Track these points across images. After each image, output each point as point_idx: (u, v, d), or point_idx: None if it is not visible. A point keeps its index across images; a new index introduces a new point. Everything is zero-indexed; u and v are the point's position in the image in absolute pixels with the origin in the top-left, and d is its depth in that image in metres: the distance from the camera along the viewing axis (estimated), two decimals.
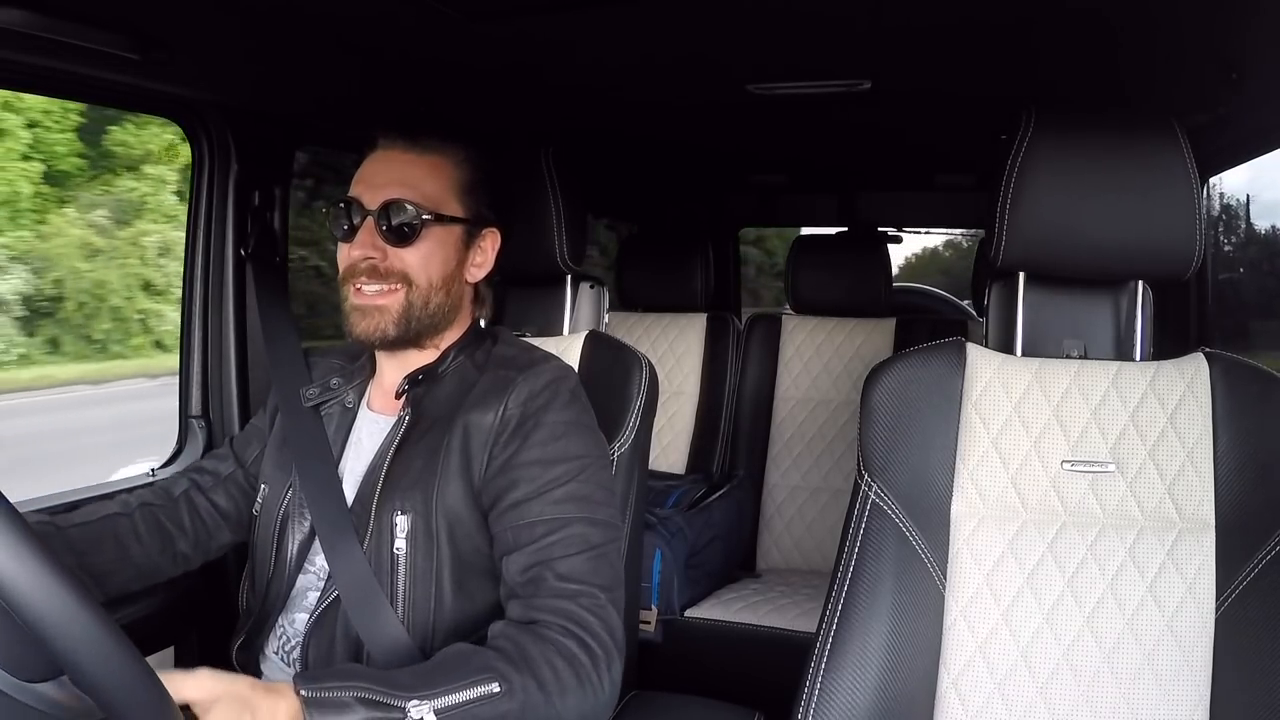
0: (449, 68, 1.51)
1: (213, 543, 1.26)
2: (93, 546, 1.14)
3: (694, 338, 2.61)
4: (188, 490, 1.26)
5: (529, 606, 1.03)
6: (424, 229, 1.13)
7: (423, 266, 1.14)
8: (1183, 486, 1.07)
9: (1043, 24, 1.24)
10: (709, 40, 1.36)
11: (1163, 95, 1.57)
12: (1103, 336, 1.19)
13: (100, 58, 1.23)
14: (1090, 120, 1.13)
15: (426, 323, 1.16)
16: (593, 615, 1.02)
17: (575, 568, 1.04)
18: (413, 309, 1.14)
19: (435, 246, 1.14)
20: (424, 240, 1.13)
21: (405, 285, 1.13)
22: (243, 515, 1.27)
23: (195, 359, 1.67)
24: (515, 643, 0.98)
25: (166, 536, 1.22)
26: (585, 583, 1.03)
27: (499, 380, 1.13)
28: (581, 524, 1.06)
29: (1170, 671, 1.05)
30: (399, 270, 1.13)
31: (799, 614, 1.98)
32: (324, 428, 1.20)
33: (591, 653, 1.00)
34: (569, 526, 1.06)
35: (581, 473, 1.09)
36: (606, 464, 1.15)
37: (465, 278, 1.19)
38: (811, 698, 1.05)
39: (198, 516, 1.25)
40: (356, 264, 1.13)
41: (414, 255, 1.13)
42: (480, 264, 1.20)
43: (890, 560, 1.08)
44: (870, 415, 1.12)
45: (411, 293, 1.13)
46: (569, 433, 1.10)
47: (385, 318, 1.13)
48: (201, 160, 1.64)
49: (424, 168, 1.15)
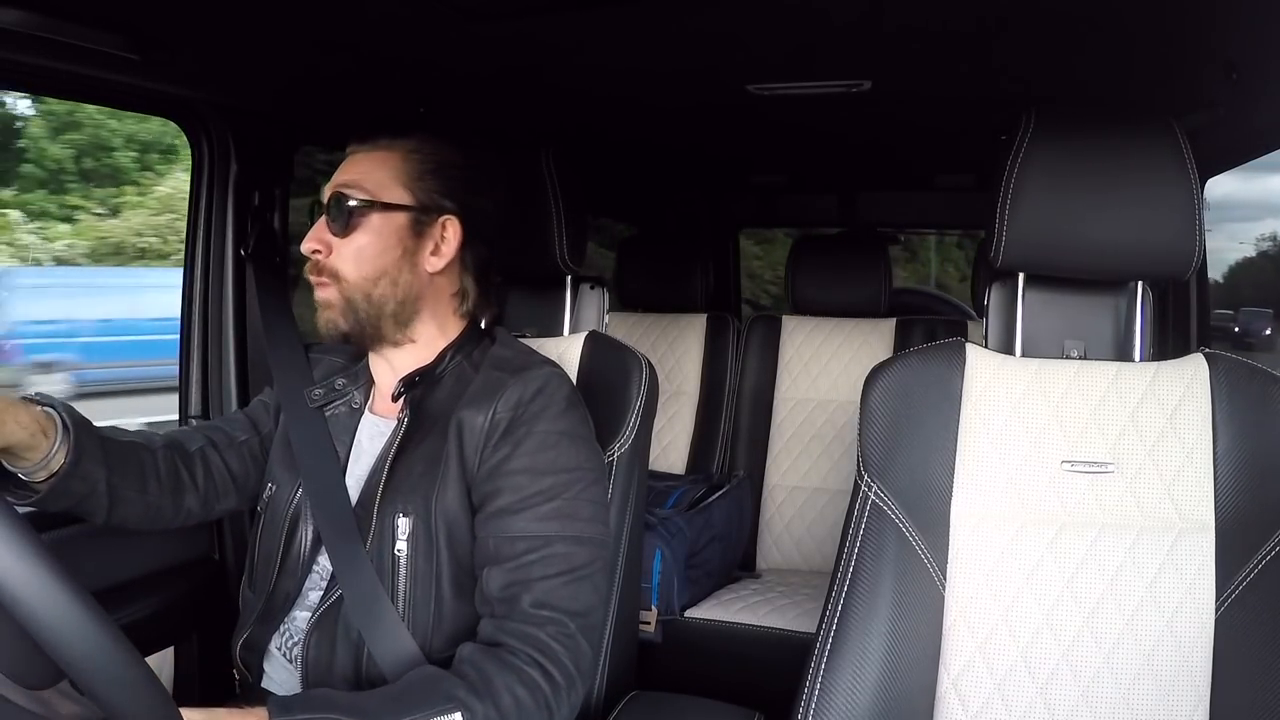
0: (448, 68, 1.51)
1: (218, 504, 1.26)
2: (118, 466, 1.14)
3: (694, 338, 2.61)
4: (203, 447, 1.26)
5: (499, 629, 1.04)
6: (358, 216, 1.13)
7: (354, 260, 1.14)
8: (1182, 487, 1.07)
9: (1043, 25, 1.24)
10: (709, 40, 1.36)
11: (1162, 95, 1.57)
12: (1102, 337, 1.19)
13: (100, 58, 1.23)
14: (1090, 121, 1.13)
15: (375, 314, 1.15)
16: (560, 645, 1.03)
17: (551, 592, 1.05)
18: (353, 303, 1.14)
19: (370, 237, 1.14)
20: (361, 230, 1.14)
21: (335, 280, 1.14)
22: (249, 483, 1.27)
23: (195, 359, 1.67)
24: (480, 670, 1.00)
25: (179, 485, 1.22)
26: (558, 609, 1.05)
27: (490, 382, 1.13)
28: (565, 543, 1.07)
29: (1170, 672, 1.05)
30: (331, 267, 1.14)
31: (799, 614, 1.98)
32: (328, 429, 1.20)
33: (553, 681, 1.02)
34: (551, 546, 1.06)
35: (570, 488, 1.09)
36: (599, 477, 1.14)
37: (423, 267, 1.17)
38: (811, 698, 1.05)
39: (210, 474, 1.25)
40: (311, 261, 1.15)
41: (348, 249, 1.14)
42: (439, 254, 1.18)
43: (890, 560, 1.08)
44: (870, 416, 1.12)
45: (345, 287, 1.14)
46: (560, 443, 1.10)
47: (331, 312, 1.15)
48: (201, 160, 1.64)
49: (371, 161, 1.17)
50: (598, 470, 1.14)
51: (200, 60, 1.37)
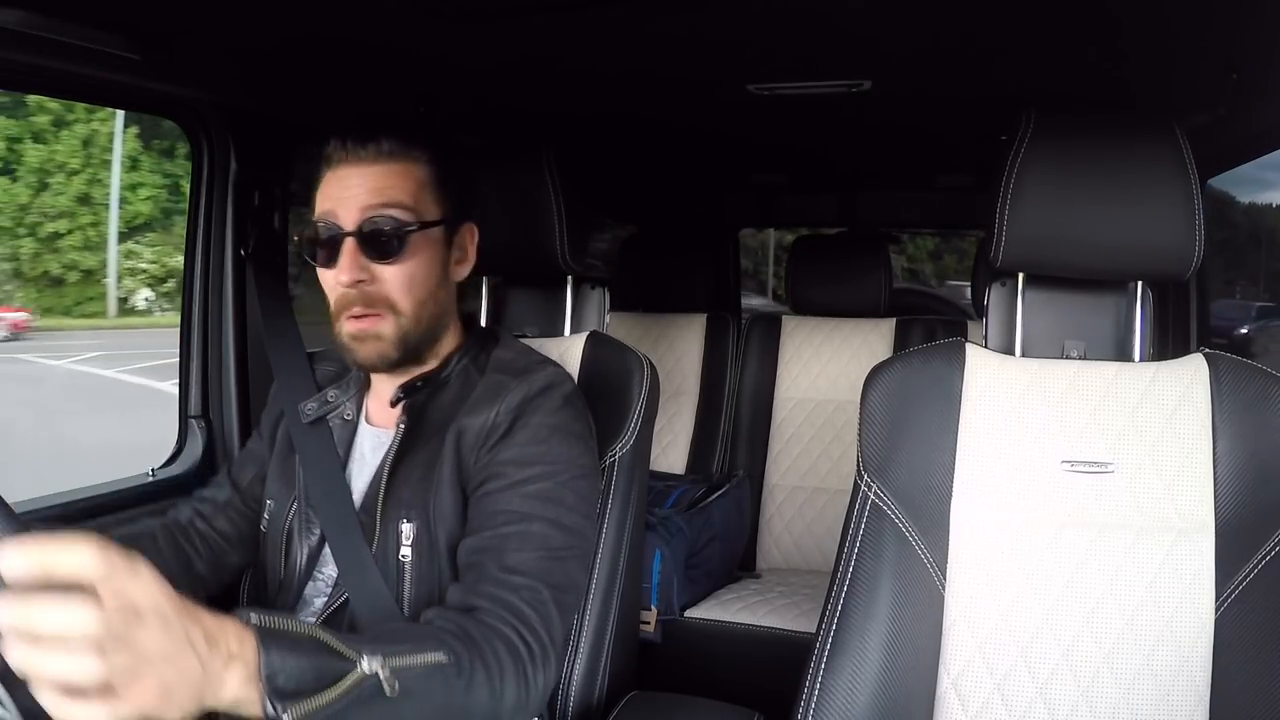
0: (448, 68, 1.51)
1: (224, 566, 1.27)
2: None
3: (694, 338, 2.61)
4: (193, 519, 1.28)
5: (469, 592, 1.01)
6: (409, 239, 1.09)
7: (409, 288, 1.10)
8: (1182, 487, 1.07)
9: (1043, 24, 1.24)
10: (709, 40, 1.36)
11: (1163, 95, 1.57)
12: (1102, 337, 1.19)
13: (100, 58, 1.23)
14: (1090, 121, 1.13)
15: (425, 337, 1.14)
16: (532, 610, 0.99)
17: (524, 562, 1.02)
18: (407, 333, 1.11)
19: (419, 261, 1.10)
20: (410, 254, 1.09)
21: (392, 313, 1.10)
22: (245, 537, 1.28)
23: (195, 359, 1.67)
24: (457, 624, 0.95)
25: (185, 557, 1.24)
26: (531, 577, 1.01)
27: (494, 385, 1.13)
28: (544, 523, 1.05)
29: (1169, 672, 1.05)
30: (384, 297, 1.09)
31: (799, 614, 1.98)
32: (330, 433, 1.20)
33: (529, 646, 0.97)
34: (529, 522, 1.04)
35: (556, 476, 1.07)
36: (589, 474, 1.13)
37: (451, 278, 1.17)
38: (811, 698, 1.05)
39: (205, 542, 1.27)
40: (347, 292, 1.09)
41: (400, 275, 1.09)
42: (462, 261, 1.18)
43: (890, 560, 1.08)
44: (869, 415, 1.12)
45: (402, 319, 1.10)
46: (552, 436, 1.09)
47: (384, 343, 1.10)
48: (201, 160, 1.64)
49: (395, 174, 1.10)
50: (588, 468, 1.13)
51: (200, 60, 1.37)
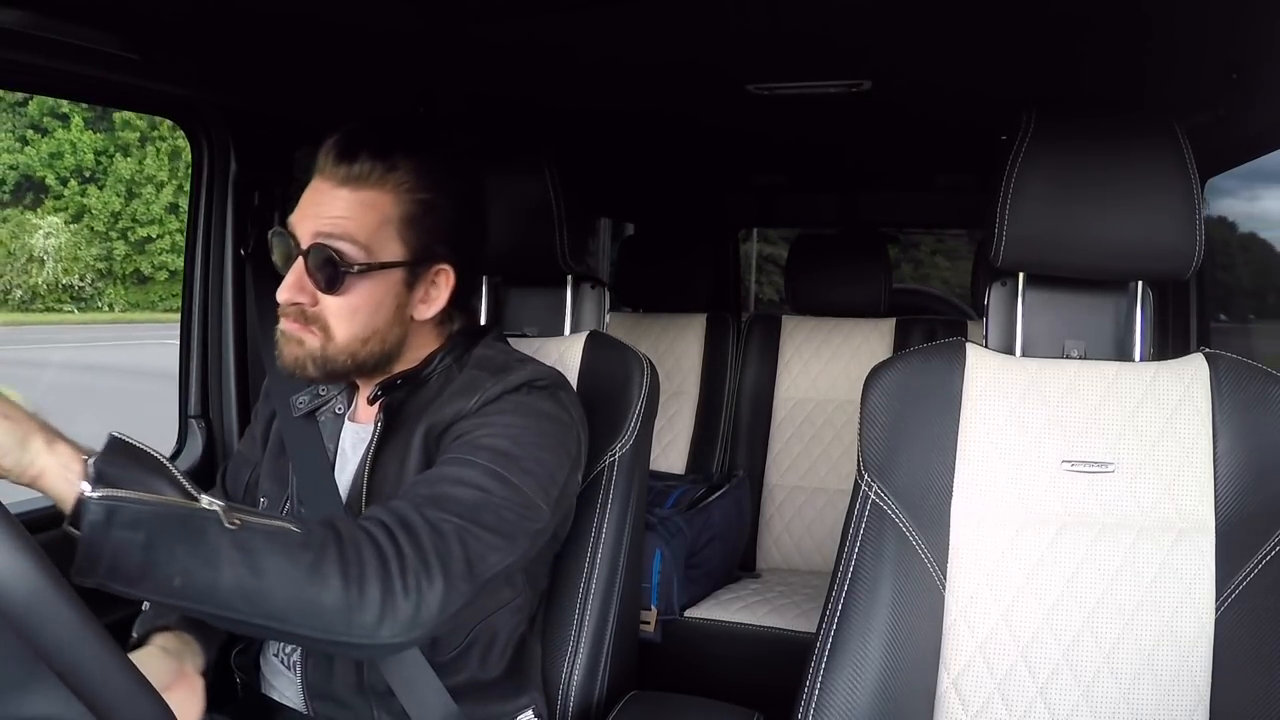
0: (447, 67, 1.51)
1: None
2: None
3: (693, 338, 2.61)
4: None
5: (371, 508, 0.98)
6: (350, 279, 1.04)
7: (347, 320, 1.06)
8: (1182, 487, 1.07)
9: (1042, 25, 1.24)
10: (708, 40, 1.36)
11: (1163, 95, 1.57)
12: (1102, 337, 1.19)
13: (100, 58, 1.23)
14: (1090, 120, 1.13)
15: (352, 368, 1.09)
16: (427, 525, 0.92)
17: (448, 494, 0.96)
18: (331, 360, 1.07)
19: (364, 299, 1.05)
20: (352, 291, 1.05)
21: (324, 336, 1.06)
22: None
23: (194, 359, 1.67)
24: (321, 521, 0.90)
25: None
26: (447, 509, 0.94)
27: (469, 381, 1.10)
28: (484, 472, 0.99)
29: (1170, 672, 1.05)
30: (321, 319, 1.06)
31: (798, 614, 1.98)
32: (319, 431, 1.19)
33: (401, 554, 0.89)
34: (470, 468, 0.99)
35: (517, 439, 1.03)
36: (556, 450, 1.07)
37: (410, 315, 1.10)
38: (811, 698, 1.05)
39: None
40: (285, 306, 1.06)
41: (340, 306, 1.05)
42: (429, 301, 1.10)
43: (890, 560, 1.08)
44: (870, 415, 1.12)
45: (330, 346, 1.06)
46: (519, 410, 1.06)
47: (303, 353, 1.07)
48: (201, 160, 1.64)
49: (357, 204, 1.04)
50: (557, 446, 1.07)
51: (200, 60, 1.37)
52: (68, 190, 15.59)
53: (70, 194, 15.59)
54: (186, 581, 0.80)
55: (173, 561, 0.79)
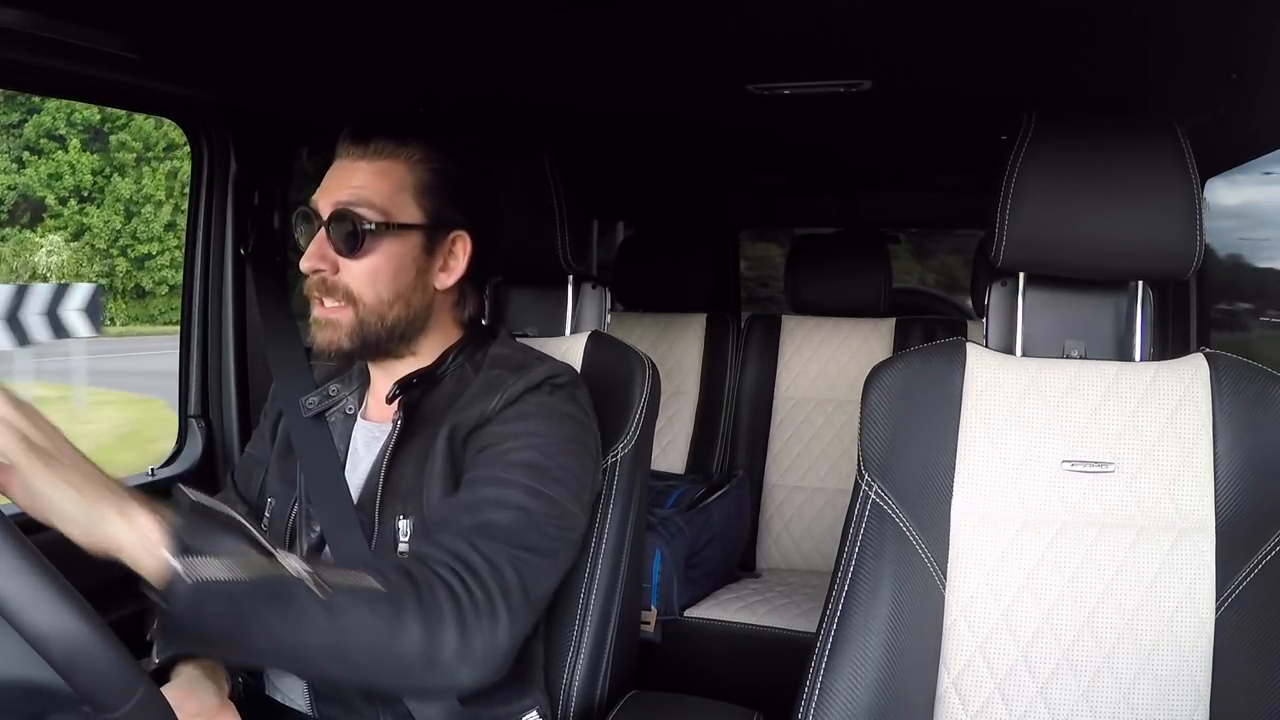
0: (448, 68, 1.51)
1: None
2: None
3: (694, 338, 2.61)
4: None
5: (428, 543, 0.99)
6: (370, 239, 1.08)
7: (370, 282, 1.09)
8: (1182, 487, 1.07)
9: (1042, 25, 1.24)
10: (708, 40, 1.36)
11: (1163, 96, 1.58)
12: (1103, 337, 1.19)
13: (100, 58, 1.24)
14: (1091, 121, 1.13)
15: (385, 336, 1.12)
16: (484, 561, 0.95)
17: (494, 522, 0.99)
18: (366, 326, 1.10)
19: (385, 259, 1.09)
20: (373, 252, 1.08)
21: (351, 304, 1.09)
22: None
23: (195, 359, 1.67)
24: (395, 567, 0.94)
25: None
26: (495, 537, 0.98)
27: (491, 380, 1.11)
28: (522, 490, 1.02)
29: (1170, 672, 1.05)
30: (344, 287, 1.09)
31: (798, 614, 1.98)
32: (329, 431, 1.19)
33: (471, 594, 0.92)
34: (508, 488, 1.02)
35: (543, 448, 1.05)
36: (581, 454, 1.10)
37: (433, 285, 1.14)
38: (811, 698, 1.05)
39: None
40: (311, 277, 1.10)
41: (361, 269, 1.09)
42: (449, 269, 1.14)
43: (890, 560, 1.08)
44: (870, 415, 1.12)
45: (361, 310, 1.09)
46: (541, 413, 1.08)
47: (339, 333, 1.10)
48: (201, 160, 1.64)
49: (373, 173, 1.10)
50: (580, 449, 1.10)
51: (200, 60, 1.37)
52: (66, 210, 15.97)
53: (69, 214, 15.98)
54: (273, 645, 0.84)
55: (262, 631, 0.84)
